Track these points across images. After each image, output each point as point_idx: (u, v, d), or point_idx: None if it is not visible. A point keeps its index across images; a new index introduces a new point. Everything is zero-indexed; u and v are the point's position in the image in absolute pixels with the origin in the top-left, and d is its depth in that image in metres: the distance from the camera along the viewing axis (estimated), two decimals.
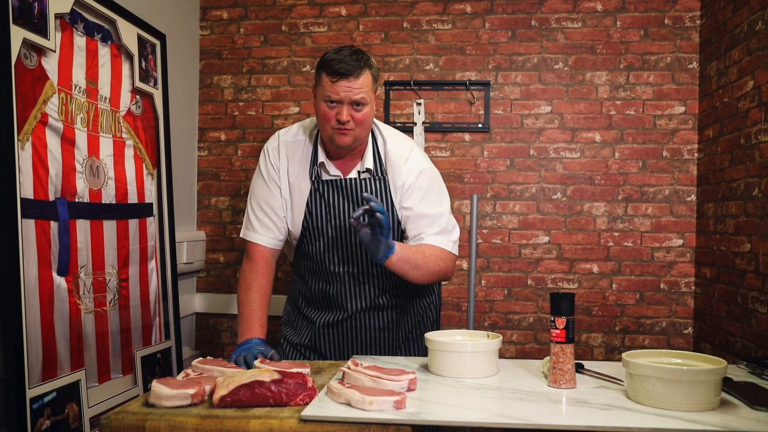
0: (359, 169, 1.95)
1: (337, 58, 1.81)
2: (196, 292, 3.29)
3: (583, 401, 1.36)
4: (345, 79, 1.79)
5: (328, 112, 1.84)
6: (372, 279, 1.98)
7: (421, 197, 1.94)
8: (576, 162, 3.09)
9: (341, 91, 1.80)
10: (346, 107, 1.81)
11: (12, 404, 1.73)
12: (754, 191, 2.45)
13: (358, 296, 1.99)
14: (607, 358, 3.05)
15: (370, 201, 1.67)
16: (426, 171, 1.97)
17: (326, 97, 1.82)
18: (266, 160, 2.01)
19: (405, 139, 2.04)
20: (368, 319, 2.01)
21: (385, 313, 2.02)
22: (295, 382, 1.33)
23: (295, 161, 1.99)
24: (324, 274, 1.99)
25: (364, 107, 1.84)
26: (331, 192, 1.94)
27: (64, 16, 2.02)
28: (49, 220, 1.92)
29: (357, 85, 1.80)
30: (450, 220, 1.99)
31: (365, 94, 1.82)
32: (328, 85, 1.81)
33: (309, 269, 2.03)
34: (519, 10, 3.12)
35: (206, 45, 3.30)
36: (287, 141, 2.01)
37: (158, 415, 1.29)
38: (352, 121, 1.83)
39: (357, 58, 1.82)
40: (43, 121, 1.91)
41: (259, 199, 2.00)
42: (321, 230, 1.95)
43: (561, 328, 1.48)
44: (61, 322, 1.95)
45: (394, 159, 1.96)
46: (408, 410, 1.28)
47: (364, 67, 1.82)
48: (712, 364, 1.38)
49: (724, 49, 2.77)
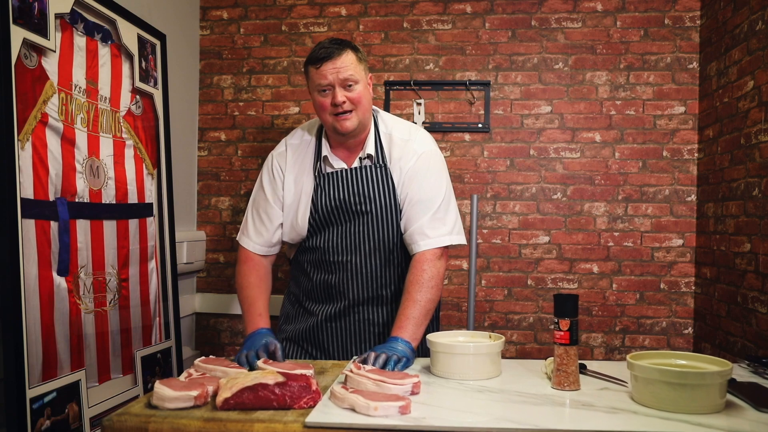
0: (361, 156, 1.95)
1: (317, 48, 1.85)
2: (196, 292, 3.28)
3: (588, 404, 1.36)
4: (328, 60, 1.81)
5: (323, 101, 1.85)
6: (374, 269, 1.97)
7: (418, 180, 1.92)
8: (576, 162, 3.09)
9: (328, 74, 1.82)
10: (338, 89, 1.83)
11: (12, 404, 1.72)
12: (754, 191, 2.46)
13: (361, 285, 1.97)
14: (607, 358, 3.05)
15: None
16: (427, 153, 1.96)
17: (317, 86, 1.84)
18: (270, 166, 2.02)
19: (408, 123, 2.05)
20: (370, 312, 1.99)
21: (387, 307, 2.00)
22: (299, 385, 1.33)
23: (300, 162, 1.99)
24: (327, 264, 1.98)
25: (355, 86, 1.85)
26: (333, 184, 1.94)
27: (64, 16, 2.01)
28: (49, 220, 1.91)
29: (341, 64, 1.81)
30: (447, 205, 1.95)
31: (352, 71, 1.83)
32: (315, 74, 1.84)
33: (311, 261, 2.02)
34: (519, 10, 3.12)
35: (206, 45, 3.29)
36: (294, 144, 2.02)
37: (161, 418, 1.29)
38: (348, 102, 1.84)
39: (337, 42, 1.86)
40: (43, 121, 1.90)
41: (258, 206, 2.03)
42: (325, 222, 1.95)
43: (565, 329, 1.48)
44: (61, 322, 1.94)
45: (397, 142, 1.95)
46: (413, 415, 1.27)
47: (345, 47, 1.84)
48: (718, 366, 1.38)
49: (724, 49, 2.77)
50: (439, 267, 1.89)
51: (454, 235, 1.93)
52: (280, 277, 3.20)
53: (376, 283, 1.98)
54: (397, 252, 1.98)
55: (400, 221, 1.95)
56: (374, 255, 1.96)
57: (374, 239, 1.95)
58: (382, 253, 1.96)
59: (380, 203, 1.93)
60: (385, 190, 1.93)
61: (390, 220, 1.94)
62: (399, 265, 1.99)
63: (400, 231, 1.95)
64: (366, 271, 1.97)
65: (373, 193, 1.93)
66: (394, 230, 1.95)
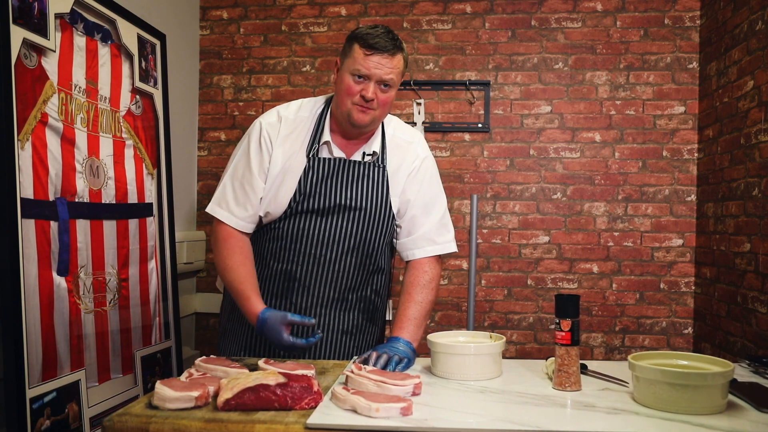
0: (366, 151, 1.88)
1: (373, 33, 1.74)
2: (196, 292, 3.27)
3: (590, 405, 1.36)
4: (380, 54, 1.72)
5: (353, 86, 1.75)
6: (348, 268, 1.87)
7: (422, 184, 1.91)
8: (576, 162, 3.08)
9: (373, 67, 1.73)
10: (373, 84, 1.74)
11: (12, 404, 1.72)
12: (754, 191, 2.46)
13: (329, 282, 1.86)
14: (607, 357, 3.05)
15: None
16: (429, 158, 1.95)
17: (355, 70, 1.74)
18: (260, 136, 1.84)
19: (407, 126, 2.03)
20: (333, 317, 1.89)
21: (351, 314, 1.92)
22: (300, 386, 1.32)
23: (292, 138, 1.86)
24: (292, 253, 1.84)
25: (390, 89, 1.78)
26: (326, 171, 1.84)
27: (64, 16, 2.01)
28: (49, 220, 1.91)
29: (390, 65, 1.74)
30: (447, 212, 1.95)
31: (395, 75, 1.76)
32: (361, 58, 1.73)
33: (271, 249, 1.87)
34: (519, 10, 3.11)
35: (206, 45, 3.29)
36: (288, 117, 1.88)
37: (162, 418, 1.28)
38: (376, 101, 1.76)
39: (393, 37, 1.76)
40: (43, 121, 1.89)
41: (242, 178, 1.83)
42: (306, 208, 1.83)
43: (566, 330, 1.48)
44: (61, 322, 1.93)
45: (401, 143, 1.92)
46: (415, 416, 1.27)
47: (399, 49, 1.76)
48: (719, 366, 1.38)
49: (724, 49, 2.77)
50: (438, 270, 1.91)
51: (455, 242, 1.95)
52: None
53: (344, 284, 1.88)
54: (374, 256, 1.90)
55: (388, 224, 1.89)
56: (352, 254, 1.86)
57: (356, 237, 1.86)
58: (360, 254, 1.87)
59: (372, 203, 1.87)
60: (379, 191, 1.89)
61: (377, 222, 1.88)
62: (373, 272, 1.91)
63: (383, 234, 1.89)
64: (337, 268, 1.86)
65: (368, 191, 1.88)
66: (378, 233, 1.89)
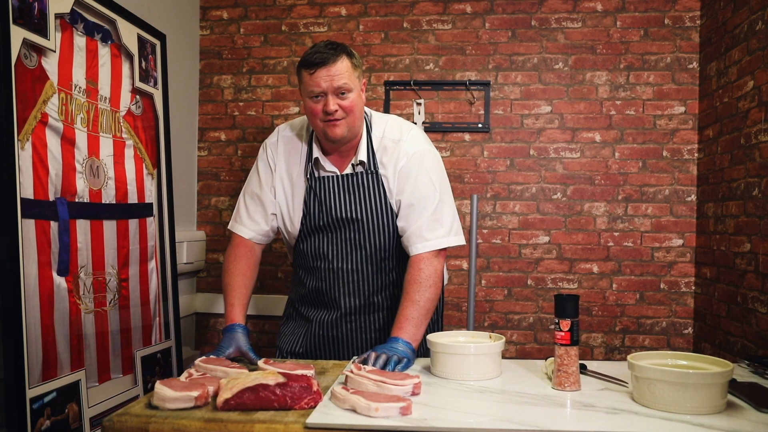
0: (354, 162, 1.91)
1: (312, 51, 1.79)
2: (196, 292, 3.28)
3: (589, 405, 1.36)
4: (322, 67, 1.76)
5: (314, 107, 1.80)
6: (366, 276, 1.95)
7: (410, 181, 1.88)
8: (576, 162, 3.09)
9: (321, 81, 1.76)
10: (330, 97, 1.78)
11: (12, 404, 1.72)
12: (754, 191, 2.46)
13: (352, 293, 1.95)
14: (607, 358, 3.05)
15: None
16: (419, 153, 1.90)
17: (309, 92, 1.79)
18: (264, 155, 2.01)
19: (402, 123, 1.98)
20: (364, 320, 1.98)
21: (381, 314, 1.99)
22: (299, 386, 1.33)
23: (292, 157, 1.97)
24: (318, 271, 1.96)
25: (348, 94, 1.80)
26: (325, 188, 1.91)
27: (64, 16, 2.01)
28: (49, 220, 1.91)
29: (335, 71, 1.76)
30: (443, 205, 1.90)
31: (346, 79, 1.78)
32: (308, 79, 1.78)
33: (304, 267, 2.01)
34: (519, 10, 3.11)
35: (206, 45, 3.29)
36: (286, 136, 1.99)
37: (161, 418, 1.28)
38: (340, 110, 1.79)
39: (332, 47, 1.79)
40: (43, 121, 1.90)
41: (251, 192, 2.00)
42: (316, 227, 1.93)
43: (566, 330, 1.48)
44: (61, 322, 1.94)
45: (389, 144, 1.91)
46: (414, 416, 1.27)
47: (340, 54, 1.78)
48: (719, 366, 1.38)
49: (724, 49, 2.77)
50: (436, 265, 1.86)
51: (452, 236, 1.90)
52: (280, 277, 3.20)
53: (367, 290, 1.96)
54: (390, 258, 1.96)
55: (393, 227, 1.92)
56: (367, 262, 1.94)
57: (367, 247, 1.93)
58: (375, 260, 1.94)
59: (372, 211, 1.90)
60: (376, 197, 1.91)
61: (382, 227, 1.91)
62: (392, 270, 1.97)
63: (393, 237, 1.93)
64: (357, 278, 1.95)
65: (365, 200, 1.90)
66: (386, 237, 1.92)
